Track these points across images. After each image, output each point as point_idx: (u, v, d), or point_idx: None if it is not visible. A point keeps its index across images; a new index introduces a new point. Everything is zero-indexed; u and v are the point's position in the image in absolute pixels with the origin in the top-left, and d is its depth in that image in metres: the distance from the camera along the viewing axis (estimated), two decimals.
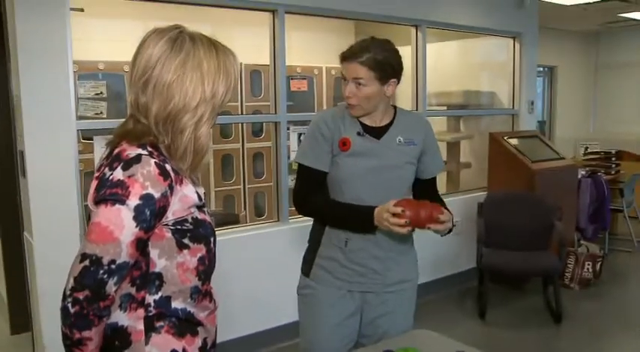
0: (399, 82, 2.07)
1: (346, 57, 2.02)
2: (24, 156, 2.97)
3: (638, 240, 6.36)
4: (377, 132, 2.07)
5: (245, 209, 5.40)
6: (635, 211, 6.55)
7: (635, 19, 7.36)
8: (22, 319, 3.81)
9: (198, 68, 1.35)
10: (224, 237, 3.66)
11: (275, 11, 3.80)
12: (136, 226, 1.27)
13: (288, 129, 3.95)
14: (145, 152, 1.32)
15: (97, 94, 4.38)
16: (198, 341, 1.44)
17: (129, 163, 1.29)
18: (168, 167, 1.33)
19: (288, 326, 3.58)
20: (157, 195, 1.29)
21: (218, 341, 3.71)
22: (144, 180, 1.28)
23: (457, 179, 5.53)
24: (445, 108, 5.51)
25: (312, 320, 2.11)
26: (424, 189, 2.16)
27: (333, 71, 5.77)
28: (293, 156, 3.90)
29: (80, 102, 4.32)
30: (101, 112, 4.37)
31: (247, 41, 4.89)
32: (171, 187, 1.32)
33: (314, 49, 5.80)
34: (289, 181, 3.99)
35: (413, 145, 2.09)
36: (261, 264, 3.76)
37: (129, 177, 1.27)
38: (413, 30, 4.64)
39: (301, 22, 4.62)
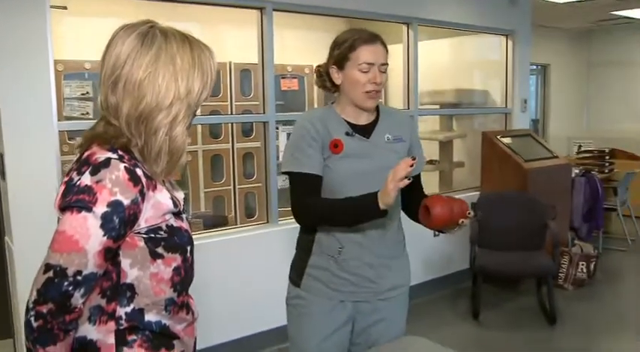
0: None
1: (372, 38, 1.93)
2: (3, 158, 2.89)
3: (632, 238, 6.34)
4: (364, 131, 1.99)
5: (235, 210, 5.32)
6: (628, 210, 6.52)
7: (627, 17, 7.33)
8: (3, 325, 3.73)
9: (171, 64, 1.27)
10: (212, 239, 3.63)
11: (263, 9, 3.73)
12: (104, 235, 1.19)
13: (277, 128, 3.88)
14: (114, 156, 1.24)
15: (83, 94, 4.30)
16: None
17: (97, 168, 1.22)
18: (139, 172, 1.25)
19: (277, 330, 3.52)
20: (126, 202, 1.21)
21: (206, 345, 3.66)
22: (112, 186, 1.20)
23: (450, 178, 5.48)
24: (438, 107, 5.46)
25: (303, 331, 2.04)
26: (411, 187, 2.05)
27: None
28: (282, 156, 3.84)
29: (66, 102, 4.24)
30: (87, 113, 4.29)
31: (237, 40, 4.84)
32: (142, 193, 1.25)
33: (305, 47, 5.74)
34: (279, 181, 3.93)
35: (402, 142, 2.03)
36: (250, 267, 3.69)
37: (97, 182, 1.20)
38: (404, 28, 4.58)
39: (292, 20, 4.56)
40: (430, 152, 5.25)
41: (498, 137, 5.02)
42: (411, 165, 1.72)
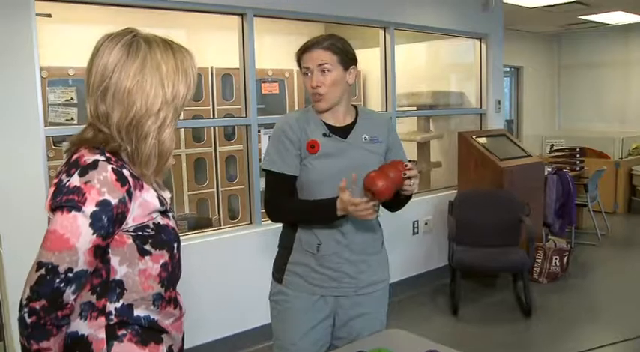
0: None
1: (308, 46, 2.03)
2: None
3: (602, 233, 6.54)
4: (342, 132, 2.06)
5: (218, 212, 5.40)
6: (598, 206, 6.72)
7: (594, 22, 7.56)
8: None
9: (156, 71, 1.33)
10: (195, 241, 3.69)
11: (244, 15, 3.82)
12: (93, 233, 1.25)
13: (258, 131, 3.97)
14: (102, 158, 1.29)
15: (67, 100, 4.35)
16: (163, 349, 1.43)
17: (85, 169, 1.27)
18: (126, 172, 1.31)
19: (261, 328, 3.60)
20: (114, 201, 1.27)
21: (190, 345, 3.72)
22: (100, 186, 1.26)
23: (428, 178, 5.61)
24: (415, 108, 5.59)
25: (286, 325, 2.09)
26: None
27: None
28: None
29: (51, 108, 4.28)
30: (72, 118, 4.34)
31: (218, 45, 4.92)
32: (129, 193, 1.30)
33: (285, 52, 5.81)
34: (261, 184, 4.01)
35: (378, 142, 2.10)
36: (233, 267, 3.77)
37: (85, 183, 1.25)
38: (381, 32, 4.70)
39: (272, 25, 4.65)
40: (408, 153, 5.34)
41: (474, 137, 5.16)
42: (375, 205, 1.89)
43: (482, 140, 5.17)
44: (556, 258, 5.10)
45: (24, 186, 2.98)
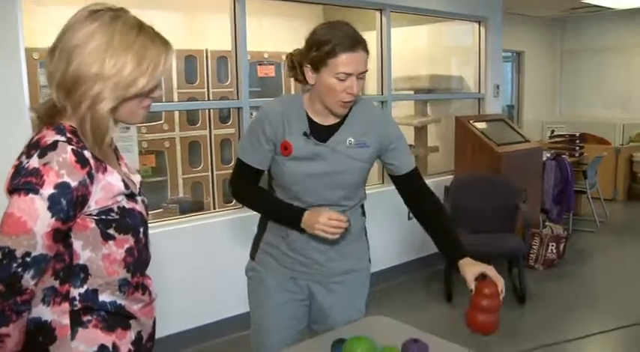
0: None
1: (358, 43, 1.78)
2: None
3: (600, 220, 6.50)
4: (325, 133, 1.90)
5: (213, 196, 5.37)
6: (597, 192, 6.67)
7: (597, 6, 7.45)
8: None
9: (105, 40, 1.27)
10: (186, 224, 3.67)
11: None
12: (52, 217, 1.21)
13: (251, 114, 3.92)
14: (62, 138, 1.26)
15: None
16: (131, 335, 1.40)
17: (45, 150, 1.23)
18: (87, 154, 1.27)
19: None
20: (73, 183, 1.23)
21: (178, 330, 3.69)
22: (59, 168, 1.22)
23: (425, 163, 5.56)
24: (412, 92, 5.53)
25: (260, 300, 2.05)
26: (407, 184, 2.02)
27: None
28: None
29: (43, 90, 4.25)
30: None
31: (214, 27, 4.86)
32: (90, 175, 1.26)
33: (282, 34, 5.77)
34: None
35: (365, 148, 1.91)
36: (226, 251, 3.73)
37: (44, 165, 1.22)
38: (377, 14, 4.63)
39: (269, 7, 4.59)
40: (405, 137, 5.33)
41: (471, 122, 5.11)
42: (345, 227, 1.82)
43: (480, 125, 5.12)
44: (553, 245, 5.06)
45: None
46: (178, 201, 4.57)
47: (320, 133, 1.89)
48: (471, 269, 1.84)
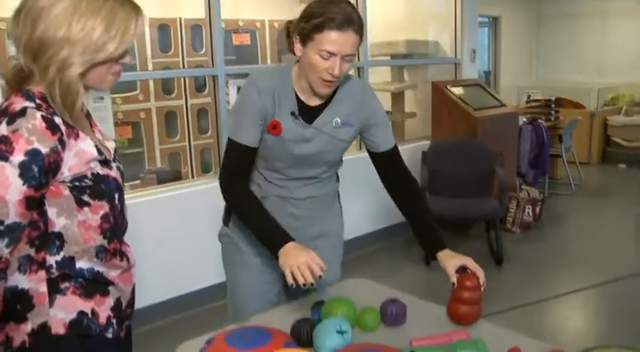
0: None
1: (349, 22, 1.67)
2: None
3: (576, 183, 6.61)
4: (311, 114, 1.84)
5: (191, 165, 5.34)
6: (573, 156, 6.76)
7: None
8: None
9: (73, 3, 1.24)
10: (165, 194, 3.65)
11: None
12: (23, 184, 1.19)
13: (227, 82, 3.88)
14: (31, 105, 1.23)
15: None
16: (110, 301, 1.41)
17: (13, 117, 1.21)
18: (57, 120, 1.25)
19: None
20: (44, 150, 1.21)
21: (158, 300, 3.70)
22: (29, 134, 1.20)
23: (402, 129, 5.58)
24: (389, 58, 5.51)
25: (235, 265, 2.03)
26: (385, 163, 1.99)
27: (276, 24, 5.68)
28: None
29: (12, 60, 4.19)
30: None
31: None
32: (62, 142, 1.24)
33: (257, 3, 5.70)
34: None
35: (349, 127, 1.88)
36: (201, 221, 3.72)
37: (13, 132, 1.19)
38: None
39: None
40: (382, 103, 5.33)
41: (448, 87, 5.11)
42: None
43: (457, 90, 5.13)
44: (529, 208, 5.13)
45: None
46: (156, 171, 4.53)
47: (306, 113, 1.84)
48: (451, 262, 1.83)
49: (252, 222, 1.84)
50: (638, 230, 5.47)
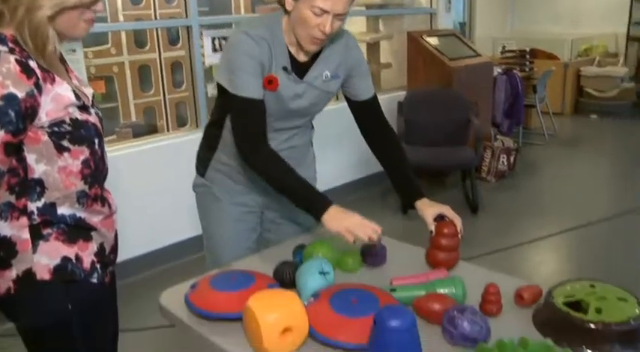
0: None
1: None
2: None
3: (549, 133, 6.70)
4: (302, 69, 1.82)
5: (166, 119, 5.29)
6: (547, 106, 6.83)
7: None
8: None
9: None
10: (141, 148, 3.63)
11: None
12: (0, 129, 1.18)
13: (201, 34, 3.81)
14: (4, 48, 1.21)
15: None
16: (94, 247, 1.42)
17: None
18: (32, 64, 1.23)
19: None
20: (20, 94, 1.19)
21: (139, 253, 3.70)
22: (4, 79, 1.18)
23: (378, 79, 5.56)
24: (364, 8, 5.44)
25: (212, 214, 2.02)
26: (366, 111, 1.98)
27: None
28: (208, 61, 3.79)
29: None
30: None
31: None
32: (38, 86, 1.23)
33: None
34: (208, 89, 3.89)
35: (337, 78, 1.88)
36: (178, 173, 3.70)
37: None
38: None
39: None
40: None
41: (423, 37, 5.09)
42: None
43: (432, 40, 5.11)
44: (504, 157, 5.21)
45: None
46: (131, 125, 4.49)
47: (298, 68, 1.81)
48: (429, 210, 1.85)
49: (288, 187, 1.77)
50: (609, 178, 5.60)
